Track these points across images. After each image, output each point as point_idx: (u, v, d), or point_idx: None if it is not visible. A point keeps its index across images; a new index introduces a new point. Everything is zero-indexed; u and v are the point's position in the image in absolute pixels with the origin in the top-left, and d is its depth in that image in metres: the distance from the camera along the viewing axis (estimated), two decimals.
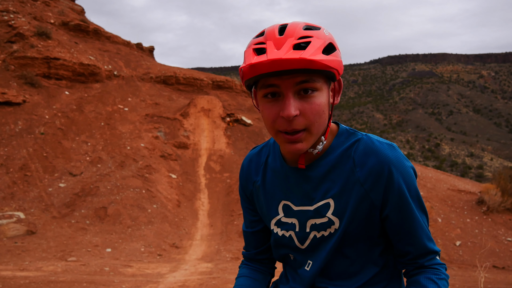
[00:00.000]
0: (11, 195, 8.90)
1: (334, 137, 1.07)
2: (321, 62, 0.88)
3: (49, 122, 11.81)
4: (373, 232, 1.05)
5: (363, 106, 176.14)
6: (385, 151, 0.99)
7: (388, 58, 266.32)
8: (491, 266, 7.56)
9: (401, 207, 1.00)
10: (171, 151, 13.01)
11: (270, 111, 0.95)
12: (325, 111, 0.96)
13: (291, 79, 0.90)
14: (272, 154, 1.17)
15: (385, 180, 0.98)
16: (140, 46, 21.48)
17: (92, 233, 8.21)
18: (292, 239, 1.10)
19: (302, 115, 0.92)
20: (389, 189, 0.98)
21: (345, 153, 1.03)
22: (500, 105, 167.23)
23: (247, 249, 1.29)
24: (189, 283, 5.59)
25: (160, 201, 10.08)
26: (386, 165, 0.97)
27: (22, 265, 6.04)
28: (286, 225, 1.11)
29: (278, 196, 1.12)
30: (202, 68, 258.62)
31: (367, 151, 1.00)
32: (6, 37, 13.92)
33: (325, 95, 0.95)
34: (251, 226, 1.25)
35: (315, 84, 0.92)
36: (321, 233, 1.05)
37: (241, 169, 1.24)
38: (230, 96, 19.57)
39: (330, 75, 0.94)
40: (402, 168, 0.99)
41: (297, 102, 0.92)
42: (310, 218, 1.06)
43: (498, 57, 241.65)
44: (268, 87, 0.93)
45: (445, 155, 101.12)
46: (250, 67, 0.89)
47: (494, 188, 10.20)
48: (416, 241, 1.02)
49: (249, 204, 1.24)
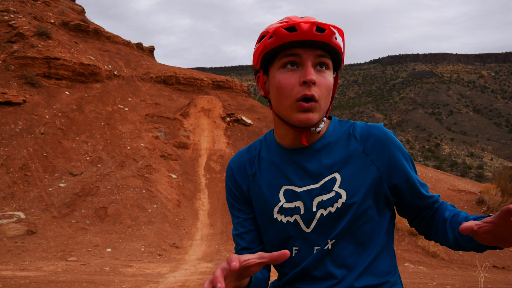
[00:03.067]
0: (11, 195, 8.90)
1: (329, 124, 1.16)
2: (339, 41, 1.02)
3: (49, 122, 11.81)
4: (376, 209, 1.07)
5: (363, 106, 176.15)
6: (381, 128, 1.11)
7: (388, 58, 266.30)
8: (491, 266, 7.56)
9: (401, 171, 1.08)
10: (171, 151, 13.01)
11: (289, 80, 1.01)
12: (331, 91, 1.06)
13: (313, 51, 1.00)
14: (265, 147, 1.18)
15: (388, 149, 1.08)
16: (140, 46, 21.48)
17: (92, 233, 8.21)
18: (297, 224, 1.09)
19: (317, 86, 1.01)
20: (390, 156, 1.07)
21: (344, 133, 1.12)
22: (500, 105, 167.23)
23: (241, 252, 1.22)
24: (189, 283, 5.59)
25: (160, 201, 10.09)
26: (384, 135, 1.09)
27: (22, 265, 6.04)
28: (289, 210, 1.10)
29: (279, 183, 1.12)
30: (202, 68, 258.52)
31: (366, 129, 1.11)
32: (7, 37, 13.93)
33: (332, 77, 1.06)
34: (244, 226, 1.21)
35: (329, 61, 1.03)
36: (328, 210, 1.06)
37: (229, 171, 1.22)
38: (230, 96, 19.57)
39: (338, 60, 1.06)
40: (394, 137, 1.11)
41: (314, 73, 1.01)
42: (316, 196, 1.07)
43: (498, 57, 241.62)
44: (290, 56, 1.01)
45: (445, 155, 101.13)
46: (278, 35, 0.99)
47: (494, 188, 10.20)
48: (423, 196, 1.12)
49: (243, 204, 1.21)
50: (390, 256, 1.13)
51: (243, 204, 1.22)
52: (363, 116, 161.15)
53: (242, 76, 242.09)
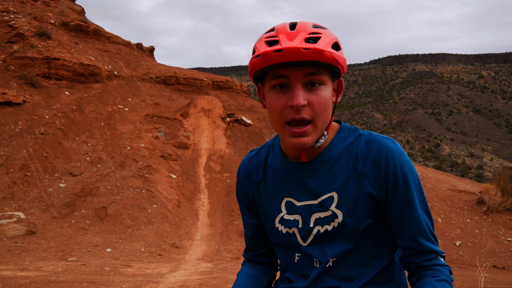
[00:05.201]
0: (11, 195, 8.90)
1: (335, 133, 1.09)
2: (332, 54, 0.92)
3: (49, 122, 11.81)
4: (378, 227, 1.05)
5: (363, 106, 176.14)
6: (386, 142, 1.02)
7: (388, 58, 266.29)
8: (491, 266, 7.55)
9: (401, 197, 1.00)
10: (171, 151, 13.01)
11: (278, 102, 0.97)
12: (330, 105, 1.00)
13: (301, 71, 0.94)
14: (272, 154, 1.17)
15: (384, 168, 0.99)
16: (140, 46, 21.48)
17: (92, 233, 8.21)
18: (295, 236, 1.10)
19: (310, 106, 0.96)
20: (389, 178, 0.99)
21: (348, 148, 1.05)
22: (500, 105, 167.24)
23: (246, 251, 1.30)
24: (189, 283, 5.59)
25: (160, 201, 10.09)
26: (385, 154, 1.00)
27: (22, 265, 6.04)
28: (288, 222, 1.11)
29: (281, 193, 1.12)
30: (202, 69, 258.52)
31: (368, 144, 1.03)
32: (6, 37, 13.93)
33: (330, 90, 0.99)
34: (248, 229, 1.26)
35: (322, 77, 0.96)
36: (325, 228, 1.05)
37: (238, 175, 1.24)
38: (230, 96, 19.57)
39: (336, 71, 0.98)
40: (402, 158, 1.00)
41: (305, 93, 0.95)
42: (314, 212, 1.06)
43: (498, 58, 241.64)
44: (277, 78, 0.96)
45: (445, 155, 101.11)
46: (263, 56, 0.92)
47: (494, 188, 10.19)
48: (415, 237, 1.02)
49: (248, 208, 1.24)
50: (394, 265, 1.11)
51: (248, 208, 1.24)
52: (363, 116, 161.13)
53: (242, 77, 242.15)
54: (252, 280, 1.23)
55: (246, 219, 1.26)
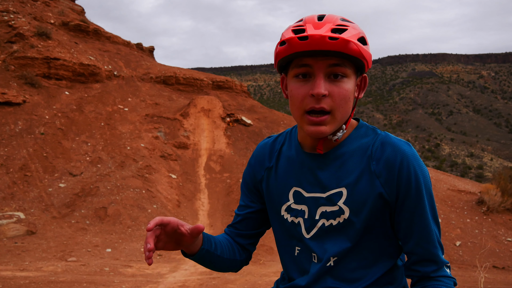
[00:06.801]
0: (11, 195, 8.90)
1: (353, 129, 1.09)
2: (357, 47, 0.93)
3: (49, 122, 11.81)
4: (383, 229, 1.04)
5: (363, 106, 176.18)
6: (401, 145, 1.01)
7: (388, 58, 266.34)
8: (491, 266, 7.55)
9: (412, 202, 1.00)
10: (171, 151, 13.01)
11: (299, 90, 0.98)
12: (351, 99, 1.00)
13: (325, 61, 0.94)
14: (288, 143, 1.18)
15: (398, 171, 0.99)
16: (140, 46, 21.48)
17: (92, 233, 8.21)
18: (299, 226, 1.10)
19: (330, 97, 0.96)
20: (401, 181, 0.99)
21: (363, 146, 1.05)
22: (500, 105, 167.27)
23: (229, 227, 1.29)
24: (189, 283, 5.59)
25: (160, 201, 10.09)
26: (400, 157, 0.99)
27: (22, 265, 6.04)
28: (295, 211, 1.11)
29: (290, 182, 1.13)
30: (202, 69, 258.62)
31: (384, 145, 1.02)
32: (6, 37, 13.93)
33: (352, 84, 0.99)
34: (241, 210, 1.26)
35: (346, 70, 0.96)
36: (330, 222, 1.05)
37: (250, 159, 1.26)
38: (230, 96, 19.56)
39: (360, 65, 0.98)
40: (416, 162, 1.00)
41: (326, 84, 0.96)
42: (321, 205, 1.06)
43: (498, 57, 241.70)
44: (301, 66, 0.97)
45: (445, 155, 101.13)
46: (288, 43, 0.93)
47: (494, 188, 10.19)
48: (422, 243, 1.01)
49: (252, 192, 1.24)
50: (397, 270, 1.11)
51: (252, 192, 1.25)
52: (363, 116, 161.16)
53: (242, 77, 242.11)
54: (228, 243, 1.23)
55: (244, 201, 1.26)
